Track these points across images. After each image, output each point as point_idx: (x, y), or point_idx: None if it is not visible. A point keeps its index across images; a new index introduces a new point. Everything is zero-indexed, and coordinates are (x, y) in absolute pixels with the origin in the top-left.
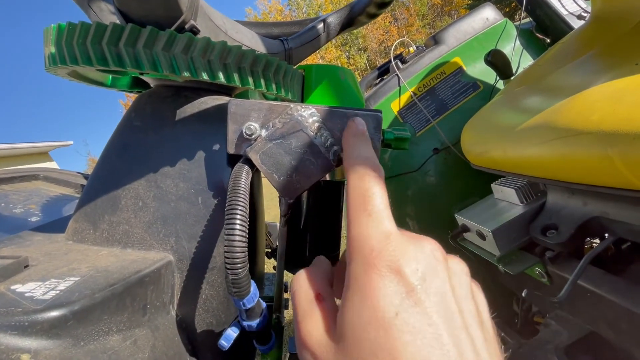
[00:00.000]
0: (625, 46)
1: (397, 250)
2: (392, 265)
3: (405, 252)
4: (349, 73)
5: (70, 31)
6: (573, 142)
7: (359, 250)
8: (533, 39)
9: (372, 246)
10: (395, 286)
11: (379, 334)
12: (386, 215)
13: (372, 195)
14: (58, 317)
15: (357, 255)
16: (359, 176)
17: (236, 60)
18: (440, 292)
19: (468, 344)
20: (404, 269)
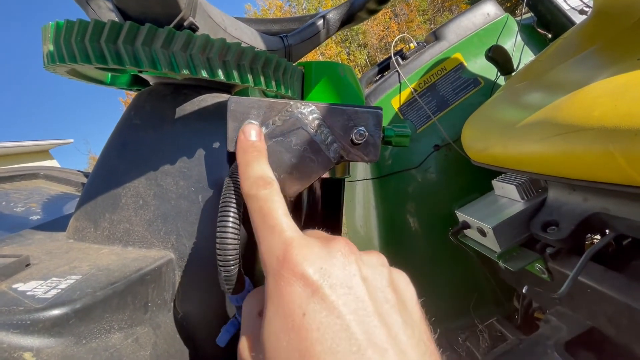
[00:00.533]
0: (627, 41)
1: (299, 254)
2: (295, 270)
3: (308, 254)
4: (348, 69)
5: (69, 29)
6: (574, 138)
7: (268, 264)
8: (534, 35)
9: (277, 257)
10: (301, 289)
11: (290, 338)
12: (286, 224)
13: (269, 210)
14: (60, 315)
15: (267, 269)
16: (252, 196)
17: (235, 57)
18: (348, 285)
19: (382, 330)
20: (307, 270)
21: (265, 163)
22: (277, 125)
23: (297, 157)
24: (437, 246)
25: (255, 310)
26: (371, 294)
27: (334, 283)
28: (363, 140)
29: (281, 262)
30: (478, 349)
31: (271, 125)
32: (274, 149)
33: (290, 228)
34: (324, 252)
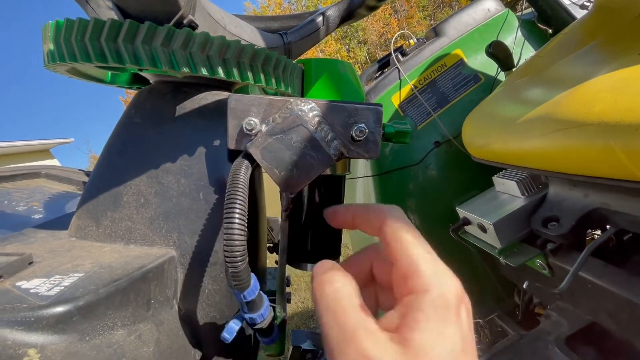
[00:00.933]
0: (628, 36)
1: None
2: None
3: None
4: (348, 66)
5: (69, 28)
6: (575, 134)
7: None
8: (535, 30)
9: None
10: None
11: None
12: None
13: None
14: (63, 312)
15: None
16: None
17: (235, 55)
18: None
19: None
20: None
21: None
22: (277, 122)
23: (298, 154)
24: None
25: (355, 302)
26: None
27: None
28: (363, 137)
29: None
30: (479, 344)
31: (271, 122)
32: (274, 146)
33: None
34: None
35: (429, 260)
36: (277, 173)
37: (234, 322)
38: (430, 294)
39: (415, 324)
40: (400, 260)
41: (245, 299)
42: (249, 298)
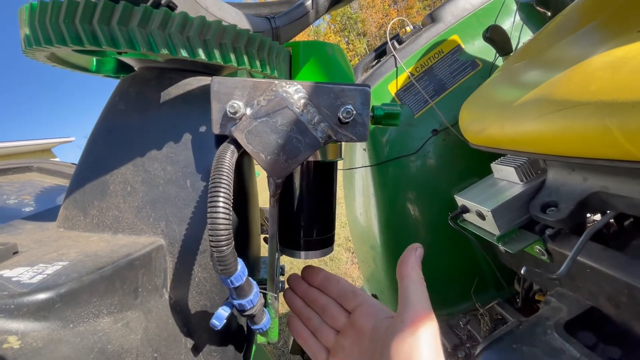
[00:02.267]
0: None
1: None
2: None
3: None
4: (337, 49)
5: (42, 10)
6: (571, 114)
7: None
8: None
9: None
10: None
11: None
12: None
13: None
14: (45, 299)
15: None
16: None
17: (217, 36)
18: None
19: None
20: None
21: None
22: (261, 105)
23: (284, 137)
24: (437, 231)
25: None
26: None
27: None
28: (351, 119)
29: None
30: (479, 332)
31: (256, 105)
32: (260, 130)
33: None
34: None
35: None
36: (263, 157)
37: (222, 309)
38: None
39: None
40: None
41: (232, 285)
42: (236, 284)
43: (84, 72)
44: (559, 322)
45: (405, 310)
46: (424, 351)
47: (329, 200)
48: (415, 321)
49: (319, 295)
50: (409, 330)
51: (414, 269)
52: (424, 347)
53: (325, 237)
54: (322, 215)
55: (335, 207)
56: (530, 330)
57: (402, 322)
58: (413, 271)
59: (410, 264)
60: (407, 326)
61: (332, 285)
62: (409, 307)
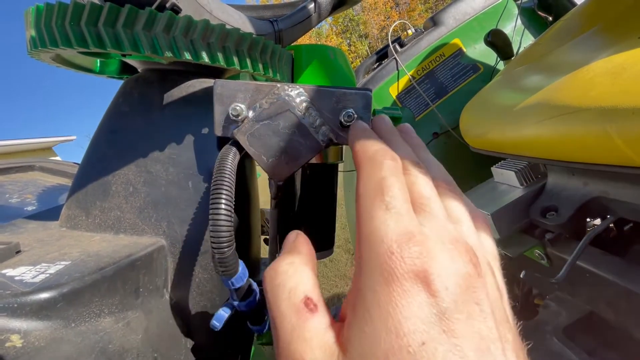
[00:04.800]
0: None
1: (423, 254)
2: (418, 275)
3: (434, 258)
4: (339, 52)
5: (49, 12)
6: (572, 119)
7: (374, 252)
8: (535, 18)
9: (392, 248)
10: (423, 305)
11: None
12: (406, 210)
13: (390, 186)
14: (47, 298)
15: (372, 259)
16: (372, 164)
17: (220, 39)
18: (476, 317)
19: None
20: (434, 281)
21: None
22: (264, 108)
23: (285, 140)
24: None
25: (297, 297)
26: (497, 329)
27: (462, 310)
28: (352, 123)
29: (398, 256)
30: None
31: (258, 108)
32: (262, 133)
33: (412, 216)
34: (451, 261)
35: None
36: (265, 160)
37: (223, 310)
38: (366, 262)
39: (352, 317)
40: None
41: (233, 286)
42: (237, 285)
43: (87, 73)
44: (558, 327)
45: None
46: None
47: (329, 202)
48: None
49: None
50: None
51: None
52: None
53: (325, 239)
54: (322, 218)
55: (335, 209)
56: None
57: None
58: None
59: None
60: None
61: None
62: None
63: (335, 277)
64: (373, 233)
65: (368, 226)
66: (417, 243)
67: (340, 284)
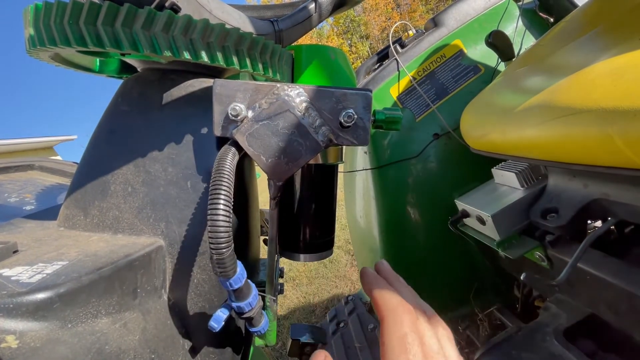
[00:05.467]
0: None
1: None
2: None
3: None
4: (340, 53)
5: (47, 11)
6: (573, 121)
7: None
8: (536, 19)
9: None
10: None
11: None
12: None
13: (411, 343)
14: (44, 299)
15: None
16: (394, 319)
17: (219, 39)
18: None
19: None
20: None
21: (400, 297)
22: (263, 108)
23: (285, 140)
24: (437, 236)
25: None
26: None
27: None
28: (352, 123)
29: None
30: (478, 337)
31: (258, 108)
32: (261, 133)
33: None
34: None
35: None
36: (264, 160)
37: (221, 311)
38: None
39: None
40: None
41: (231, 287)
42: (235, 286)
43: (87, 72)
44: (559, 329)
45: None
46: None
47: (329, 203)
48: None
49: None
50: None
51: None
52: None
53: (325, 240)
54: (322, 219)
55: (335, 210)
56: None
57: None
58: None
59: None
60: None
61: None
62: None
63: (336, 278)
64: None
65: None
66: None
67: (340, 284)
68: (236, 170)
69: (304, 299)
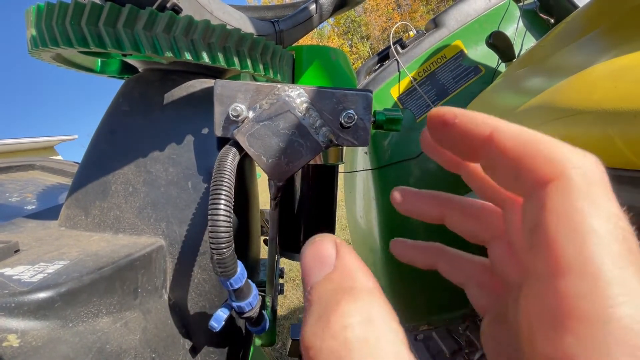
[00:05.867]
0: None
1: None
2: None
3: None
4: (340, 53)
5: (49, 12)
6: (573, 122)
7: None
8: (537, 20)
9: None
10: None
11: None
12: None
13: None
14: (45, 298)
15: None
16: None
17: (220, 39)
18: None
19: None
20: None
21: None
22: (264, 108)
23: (285, 141)
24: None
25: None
26: None
27: None
28: (352, 124)
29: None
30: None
31: (258, 108)
32: (261, 133)
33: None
34: None
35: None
36: (265, 160)
37: (221, 311)
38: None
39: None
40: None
41: (232, 287)
42: (235, 286)
43: (88, 73)
44: None
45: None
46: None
47: (329, 203)
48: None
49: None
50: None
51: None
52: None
53: None
54: (322, 219)
55: (335, 210)
56: None
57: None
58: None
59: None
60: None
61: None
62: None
63: None
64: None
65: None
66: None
67: None
68: (237, 170)
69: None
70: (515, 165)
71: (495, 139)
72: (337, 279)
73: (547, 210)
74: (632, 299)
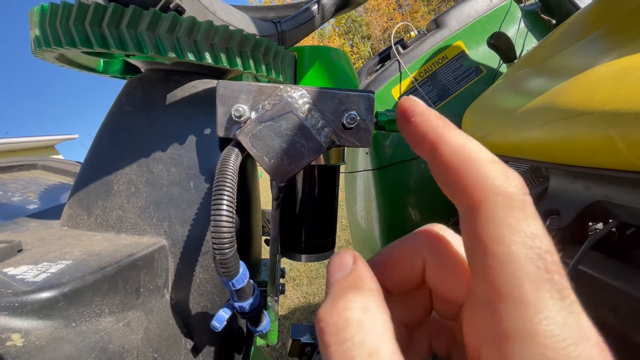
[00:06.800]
0: (633, 25)
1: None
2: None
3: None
4: (342, 54)
5: (53, 12)
6: (574, 123)
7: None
8: (538, 21)
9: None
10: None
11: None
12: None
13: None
14: (48, 298)
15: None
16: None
17: (223, 40)
18: None
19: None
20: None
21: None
22: (266, 109)
23: (287, 142)
24: None
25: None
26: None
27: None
28: (354, 125)
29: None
30: None
31: (261, 109)
32: (264, 134)
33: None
34: None
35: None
36: (267, 161)
37: (223, 311)
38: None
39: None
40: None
41: (234, 287)
42: (237, 286)
43: (91, 73)
44: None
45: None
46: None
47: (330, 204)
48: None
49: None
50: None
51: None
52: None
53: (326, 241)
54: (323, 219)
55: (337, 211)
56: None
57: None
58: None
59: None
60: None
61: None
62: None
63: None
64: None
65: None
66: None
67: None
68: (239, 171)
69: (305, 299)
70: (450, 182)
71: (438, 151)
72: (350, 279)
73: (477, 241)
74: (547, 317)
